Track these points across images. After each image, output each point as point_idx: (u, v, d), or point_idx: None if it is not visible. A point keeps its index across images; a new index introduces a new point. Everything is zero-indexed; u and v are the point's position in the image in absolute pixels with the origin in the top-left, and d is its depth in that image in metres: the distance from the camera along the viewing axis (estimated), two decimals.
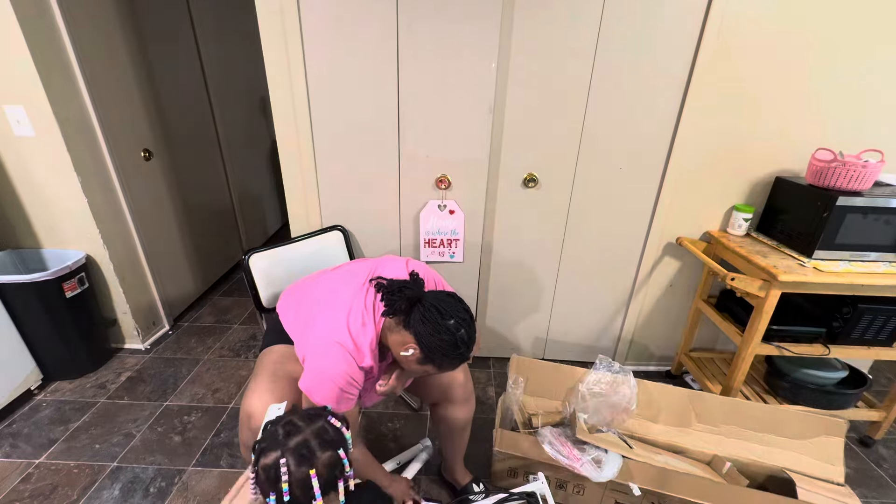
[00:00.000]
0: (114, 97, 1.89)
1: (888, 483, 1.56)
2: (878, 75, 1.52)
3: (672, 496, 1.21)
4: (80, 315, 1.86)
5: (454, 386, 1.20)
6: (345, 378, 0.95)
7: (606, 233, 1.82)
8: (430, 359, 0.94)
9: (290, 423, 0.76)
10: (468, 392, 1.24)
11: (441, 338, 0.91)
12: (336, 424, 0.78)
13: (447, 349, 0.92)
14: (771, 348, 1.52)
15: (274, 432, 0.75)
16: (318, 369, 0.96)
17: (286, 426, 0.75)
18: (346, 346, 0.96)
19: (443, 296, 0.98)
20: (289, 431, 0.74)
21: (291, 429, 0.75)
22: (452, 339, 0.92)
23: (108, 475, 1.47)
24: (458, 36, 1.46)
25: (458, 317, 0.94)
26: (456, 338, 0.92)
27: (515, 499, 1.04)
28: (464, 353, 0.94)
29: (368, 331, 0.99)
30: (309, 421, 0.77)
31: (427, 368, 0.98)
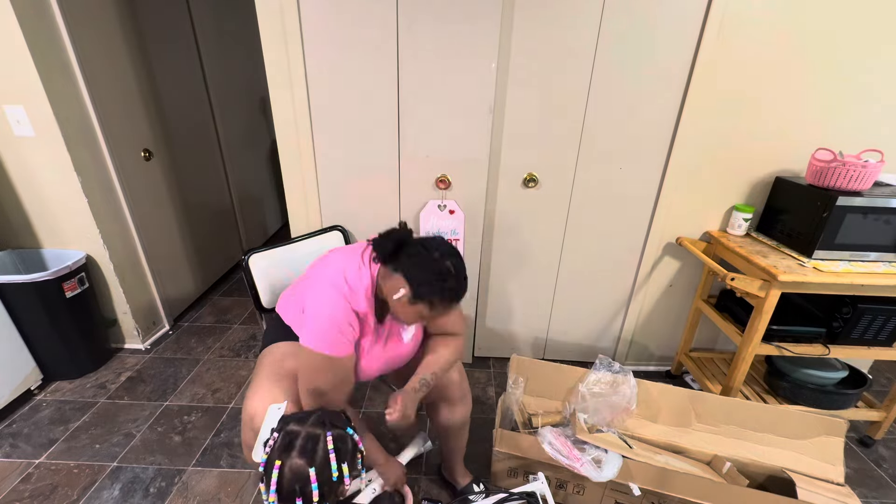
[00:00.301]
0: (114, 97, 1.89)
1: (888, 483, 1.56)
2: (879, 75, 1.52)
3: (672, 496, 1.21)
4: (80, 315, 1.86)
5: (449, 385, 1.19)
6: (339, 317, 0.96)
7: (606, 233, 1.82)
8: (419, 295, 0.93)
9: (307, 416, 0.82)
10: (464, 391, 1.24)
11: (428, 270, 0.92)
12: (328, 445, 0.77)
13: (434, 281, 0.92)
14: (771, 348, 1.52)
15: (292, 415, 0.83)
16: (315, 314, 0.97)
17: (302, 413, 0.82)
18: (340, 289, 0.98)
19: (430, 237, 1.00)
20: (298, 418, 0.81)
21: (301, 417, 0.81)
22: (439, 269, 0.92)
23: (108, 475, 1.47)
24: (459, 36, 1.46)
25: (442, 250, 0.95)
26: (442, 268, 0.92)
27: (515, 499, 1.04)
28: (452, 286, 0.94)
29: (364, 276, 1.00)
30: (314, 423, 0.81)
31: (420, 309, 0.96)
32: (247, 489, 1.41)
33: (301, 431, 0.78)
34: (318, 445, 0.76)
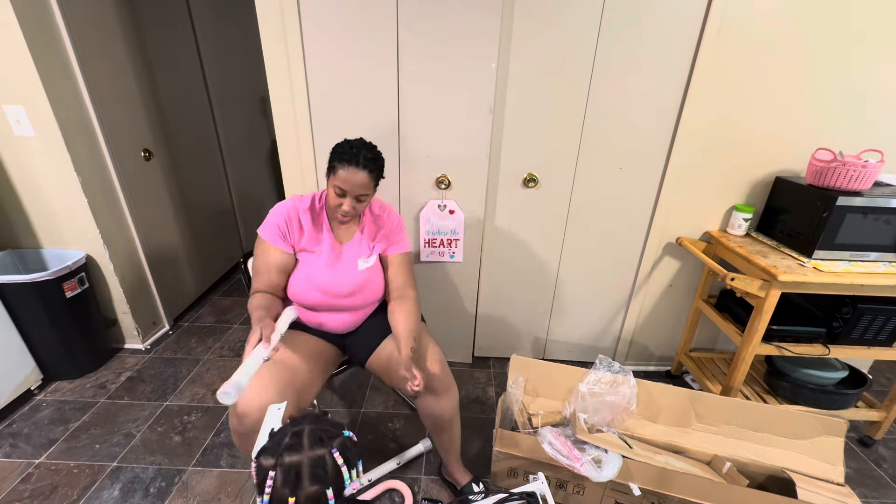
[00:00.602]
0: (114, 97, 1.89)
1: (888, 483, 1.56)
2: (878, 75, 1.52)
3: (672, 496, 1.21)
4: (80, 315, 1.86)
5: (431, 378, 1.21)
6: (280, 211, 1.21)
7: (606, 233, 1.82)
8: (330, 166, 1.14)
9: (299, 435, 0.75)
10: (446, 383, 1.25)
11: (337, 146, 1.16)
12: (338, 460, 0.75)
13: (339, 149, 1.15)
14: (771, 348, 1.52)
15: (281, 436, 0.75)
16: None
17: (294, 437, 0.74)
18: (294, 196, 1.26)
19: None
20: (291, 445, 0.73)
21: (295, 443, 0.74)
22: (345, 144, 1.16)
23: (108, 475, 1.47)
24: (458, 36, 1.46)
25: (359, 139, 1.18)
26: (347, 143, 1.16)
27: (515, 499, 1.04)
28: (353, 152, 1.12)
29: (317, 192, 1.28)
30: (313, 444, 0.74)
31: (331, 181, 1.14)
32: (247, 489, 1.41)
33: (303, 460, 0.72)
34: (327, 466, 0.73)
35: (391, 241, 1.32)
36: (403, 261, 1.33)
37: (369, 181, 1.14)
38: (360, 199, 1.16)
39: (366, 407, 1.81)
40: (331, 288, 1.23)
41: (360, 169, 1.12)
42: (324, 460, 0.73)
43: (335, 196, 1.15)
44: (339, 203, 1.15)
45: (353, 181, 1.12)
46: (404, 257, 1.33)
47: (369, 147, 1.17)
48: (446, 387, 1.25)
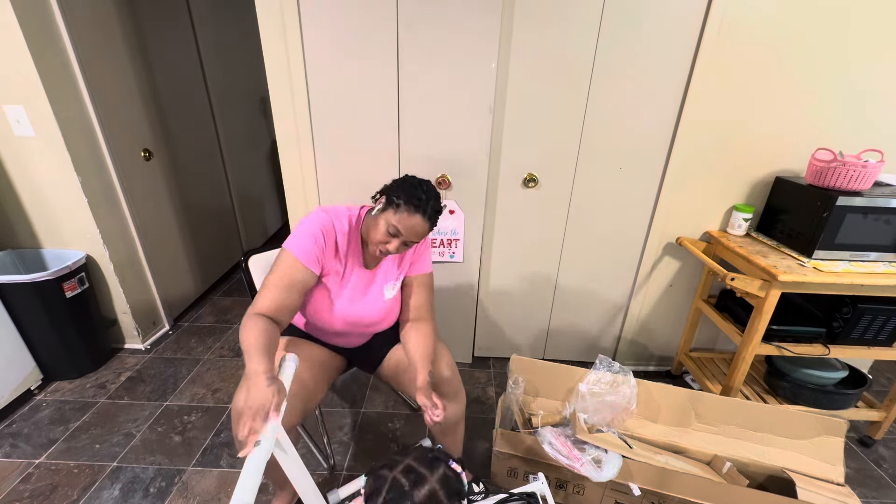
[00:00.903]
0: (114, 97, 1.89)
1: (888, 483, 1.56)
2: (878, 75, 1.52)
3: (672, 496, 1.21)
4: (80, 315, 1.86)
5: (441, 383, 1.19)
6: (313, 226, 1.09)
7: (606, 233, 1.82)
8: (391, 201, 1.06)
9: (412, 470, 0.74)
10: (456, 387, 1.23)
11: (407, 185, 1.07)
12: (456, 469, 0.76)
13: (403, 187, 1.06)
14: (771, 348, 1.52)
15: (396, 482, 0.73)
16: (298, 224, 1.11)
17: (408, 474, 0.74)
18: (327, 210, 1.14)
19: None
20: (414, 481, 0.73)
21: (416, 478, 0.73)
22: (417, 185, 1.07)
23: (108, 475, 1.47)
24: (458, 36, 1.46)
25: (428, 184, 1.09)
26: (415, 183, 1.08)
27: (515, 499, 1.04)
28: (418, 195, 1.04)
29: (353, 211, 1.18)
30: (431, 467, 0.75)
31: (387, 216, 1.05)
32: None
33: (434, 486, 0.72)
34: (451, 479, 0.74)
35: (416, 261, 1.24)
36: (424, 282, 1.25)
37: (425, 232, 1.09)
38: (408, 243, 1.09)
39: (366, 407, 1.81)
40: (355, 319, 1.19)
41: (424, 220, 1.05)
42: (448, 476, 0.75)
43: (385, 233, 1.06)
44: (386, 241, 1.07)
45: (414, 230, 1.05)
46: (426, 279, 1.26)
47: (437, 197, 1.09)
48: (456, 391, 1.23)
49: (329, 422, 1.73)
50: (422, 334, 1.19)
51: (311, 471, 1.41)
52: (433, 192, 1.09)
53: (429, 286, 1.26)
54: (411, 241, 1.08)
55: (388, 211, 1.06)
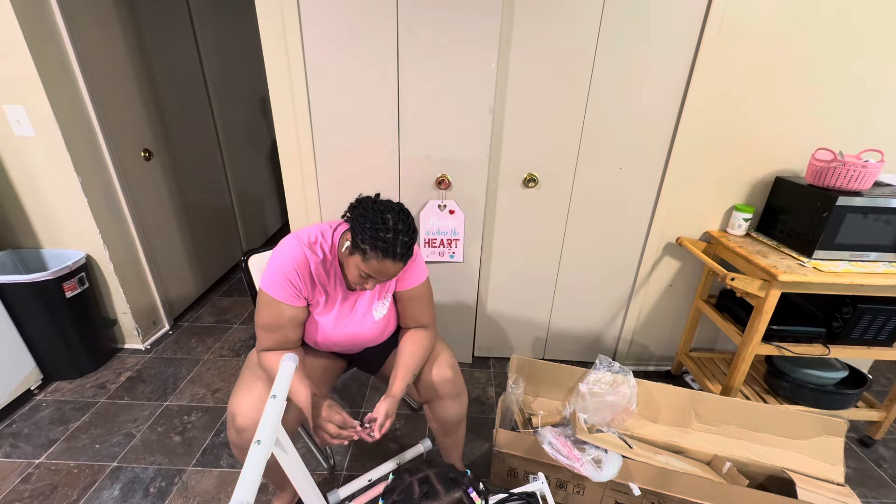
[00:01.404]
0: (114, 97, 1.89)
1: (888, 483, 1.56)
2: (879, 75, 1.52)
3: (672, 496, 1.21)
4: (80, 315, 1.86)
5: (442, 382, 1.18)
6: (286, 264, 1.02)
7: (606, 233, 1.82)
8: (356, 244, 0.96)
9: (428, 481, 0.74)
10: (458, 388, 1.22)
11: (368, 221, 0.95)
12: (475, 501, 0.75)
13: (370, 230, 0.94)
14: (771, 348, 1.52)
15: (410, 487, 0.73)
16: (273, 257, 1.05)
17: (423, 484, 0.73)
18: (300, 239, 1.06)
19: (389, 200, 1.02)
20: (426, 493, 0.72)
21: (429, 490, 0.72)
22: (377, 221, 0.94)
23: (108, 475, 1.47)
24: (458, 36, 1.46)
25: (393, 211, 0.97)
26: (380, 220, 0.94)
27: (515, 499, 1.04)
28: (385, 238, 0.93)
29: (327, 234, 1.09)
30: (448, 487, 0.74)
31: (356, 261, 0.97)
32: None
33: None
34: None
35: (402, 278, 1.16)
36: (416, 294, 1.18)
37: (402, 268, 1.00)
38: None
39: (366, 407, 1.81)
40: (346, 341, 1.17)
41: (396, 262, 0.96)
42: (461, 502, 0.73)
43: (358, 276, 1.00)
44: (362, 282, 1.02)
45: (386, 273, 0.97)
46: (418, 290, 1.18)
47: (407, 227, 0.97)
48: (459, 391, 1.23)
49: None
50: (415, 340, 1.16)
51: (311, 471, 1.41)
52: (401, 224, 0.96)
53: (422, 296, 1.19)
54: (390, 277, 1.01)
55: (356, 256, 0.97)
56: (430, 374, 1.18)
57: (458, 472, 0.79)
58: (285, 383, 0.93)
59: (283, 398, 0.89)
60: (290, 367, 0.97)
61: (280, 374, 0.96)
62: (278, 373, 0.96)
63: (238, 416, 1.02)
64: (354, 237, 0.96)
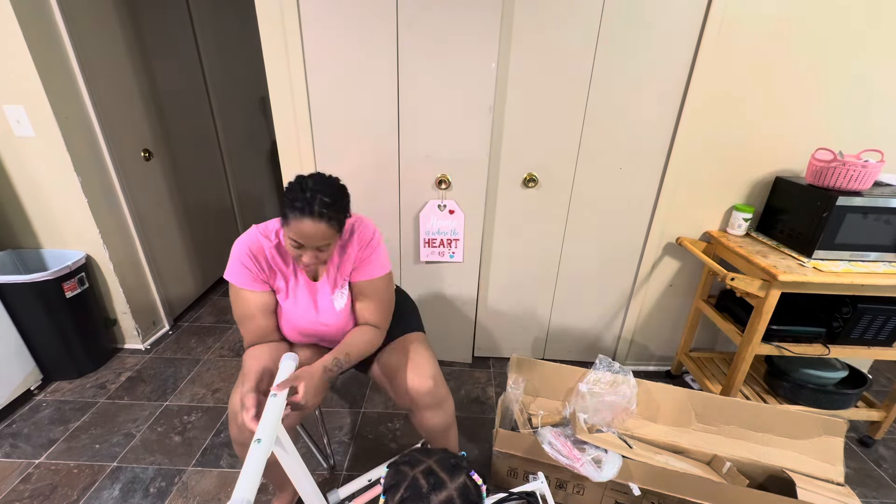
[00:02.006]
0: (114, 97, 1.89)
1: (888, 483, 1.56)
2: (879, 75, 1.52)
3: (672, 496, 1.21)
4: (80, 315, 1.86)
5: (421, 394, 1.13)
6: (242, 249, 1.05)
7: (606, 232, 1.82)
8: (283, 214, 0.96)
9: (432, 473, 0.74)
10: (438, 398, 1.15)
11: (291, 188, 0.96)
12: (477, 481, 0.76)
13: (291, 195, 0.94)
14: (771, 348, 1.52)
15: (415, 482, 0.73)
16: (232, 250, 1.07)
17: (428, 476, 0.74)
18: (257, 227, 1.09)
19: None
20: (433, 485, 0.72)
21: (436, 481, 0.73)
22: (297, 186, 0.95)
23: (108, 475, 1.47)
24: (458, 36, 1.46)
25: (316, 176, 0.98)
26: (300, 182, 0.95)
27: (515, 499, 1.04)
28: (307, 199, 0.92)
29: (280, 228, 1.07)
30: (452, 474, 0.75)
31: (286, 231, 0.96)
32: None
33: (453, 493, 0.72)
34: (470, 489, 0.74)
35: (359, 266, 1.12)
36: (372, 290, 1.13)
37: (329, 230, 0.95)
38: (322, 248, 0.98)
39: (366, 407, 1.81)
40: (312, 331, 1.16)
41: (314, 220, 0.92)
42: (468, 486, 0.74)
43: (292, 248, 0.98)
44: (297, 255, 0.99)
45: (308, 234, 0.93)
46: (374, 285, 1.13)
47: (327, 186, 0.96)
48: (440, 401, 1.16)
49: (329, 422, 1.73)
50: (361, 331, 1.13)
51: (311, 471, 1.41)
52: (320, 183, 0.96)
53: (376, 293, 1.14)
54: (322, 246, 0.97)
55: (285, 225, 0.96)
56: (406, 382, 1.14)
57: (456, 457, 0.80)
58: None
59: (284, 397, 0.89)
60: (291, 367, 0.97)
61: (280, 373, 0.96)
62: (279, 372, 0.96)
63: (239, 413, 1.02)
64: (282, 209, 0.97)
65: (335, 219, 0.95)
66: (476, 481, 0.76)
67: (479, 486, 0.76)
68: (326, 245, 0.98)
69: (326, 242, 0.97)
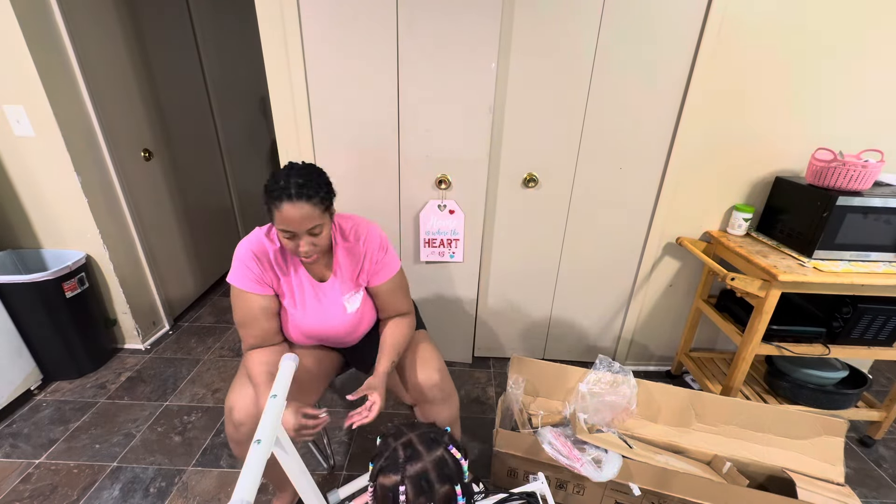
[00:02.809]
0: (114, 97, 1.89)
1: (888, 483, 1.56)
2: (879, 75, 1.52)
3: (672, 496, 1.21)
4: (80, 315, 1.86)
5: (430, 386, 1.17)
6: (246, 252, 1.05)
7: (606, 233, 1.82)
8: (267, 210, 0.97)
9: (410, 444, 0.76)
10: (445, 392, 1.20)
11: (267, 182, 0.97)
12: (455, 455, 0.77)
13: (269, 185, 0.95)
14: (771, 348, 1.52)
15: (394, 452, 0.75)
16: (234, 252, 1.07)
17: (406, 448, 0.75)
18: (261, 229, 1.09)
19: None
20: (409, 456, 0.74)
21: (412, 453, 0.75)
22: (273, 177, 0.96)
23: (108, 475, 1.47)
24: (459, 36, 1.46)
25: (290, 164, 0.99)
26: (274, 174, 0.97)
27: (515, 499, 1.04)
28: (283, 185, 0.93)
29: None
30: (429, 447, 0.76)
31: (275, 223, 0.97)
32: None
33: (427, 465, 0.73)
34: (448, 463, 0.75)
35: (374, 269, 1.15)
36: (391, 288, 1.17)
37: (314, 209, 0.95)
38: (315, 232, 0.98)
39: None
40: (323, 334, 1.17)
41: (296, 201, 0.93)
42: (444, 459, 0.76)
43: (285, 240, 0.99)
44: (293, 247, 0.99)
45: (295, 217, 0.93)
46: (392, 283, 1.17)
47: (300, 169, 0.97)
48: (447, 396, 1.21)
49: (329, 422, 1.72)
50: (395, 324, 1.18)
51: (311, 471, 1.41)
52: (294, 166, 0.98)
53: (398, 288, 1.19)
54: (312, 230, 0.97)
55: (273, 222, 0.98)
56: (417, 376, 1.17)
57: (437, 432, 0.81)
58: (285, 383, 0.93)
59: (283, 398, 0.89)
60: (291, 367, 0.97)
61: (280, 373, 0.96)
62: (278, 372, 0.96)
63: (235, 409, 1.03)
64: (266, 208, 0.98)
65: (315, 196, 0.95)
66: (454, 455, 0.77)
67: (458, 460, 0.78)
68: (319, 227, 0.98)
69: (317, 224, 0.97)
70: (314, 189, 0.95)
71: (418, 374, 1.17)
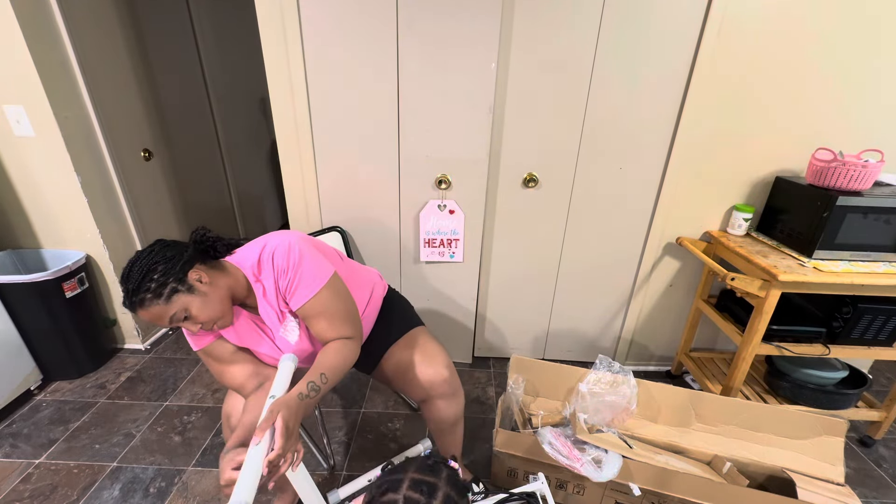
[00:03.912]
0: (114, 97, 1.89)
1: (888, 483, 1.55)
2: (879, 75, 1.52)
3: (672, 496, 1.21)
4: (80, 315, 1.86)
5: (437, 382, 1.17)
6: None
7: (606, 233, 1.82)
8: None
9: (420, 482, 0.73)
10: (453, 387, 1.20)
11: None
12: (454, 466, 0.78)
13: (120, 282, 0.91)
14: (771, 348, 1.52)
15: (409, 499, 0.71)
16: None
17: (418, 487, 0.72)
18: None
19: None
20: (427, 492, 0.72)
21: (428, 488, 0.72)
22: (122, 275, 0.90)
23: (108, 475, 1.47)
24: (459, 36, 1.46)
25: (134, 257, 0.91)
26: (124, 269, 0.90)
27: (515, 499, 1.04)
28: (125, 291, 0.87)
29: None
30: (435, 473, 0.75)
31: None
32: None
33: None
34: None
35: (290, 292, 1.00)
36: (317, 307, 1.01)
37: (160, 306, 0.87)
38: (185, 317, 0.90)
39: (366, 407, 1.81)
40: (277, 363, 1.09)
41: (138, 310, 0.88)
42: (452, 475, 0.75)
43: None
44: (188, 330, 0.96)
45: (151, 320, 0.89)
46: (317, 302, 1.01)
47: (133, 272, 0.87)
48: (454, 391, 1.22)
49: (329, 422, 1.73)
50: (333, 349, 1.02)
51: (311, 471, 1.41)
52: (127, 274, 0.88)
53: (323, 311, 1.02)
54: (186, 315, 0.90)
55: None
56: (424, 372, 1.17)
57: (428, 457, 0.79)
58: (284, 383, 0.93)
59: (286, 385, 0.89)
60: (290, 367, 0.97)
61: (279, 373, 0.96)
62: (278, 372, 0.96)
63: (233, 416, 1.03)
64: None
65: (154, 293, 0.87)
66: (454, 467, 0.78)
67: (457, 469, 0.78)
68: (182, 311, 0.89)
69: (175, 311, 0.89)
70: (148, 290, 0.86)
71: (425, 371, 1.17)
